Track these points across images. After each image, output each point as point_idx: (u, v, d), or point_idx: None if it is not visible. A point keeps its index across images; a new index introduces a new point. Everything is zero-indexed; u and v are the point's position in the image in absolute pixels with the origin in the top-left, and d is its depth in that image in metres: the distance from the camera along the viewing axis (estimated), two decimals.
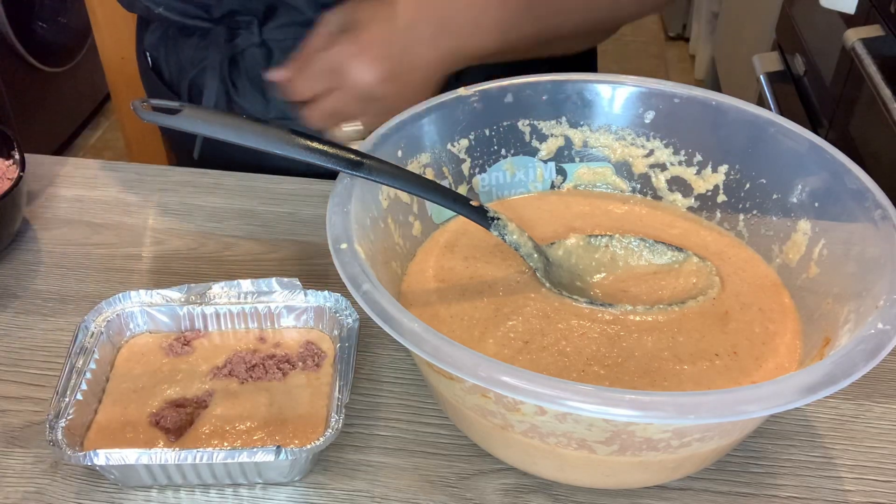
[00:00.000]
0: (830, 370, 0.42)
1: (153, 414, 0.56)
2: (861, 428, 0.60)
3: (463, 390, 0.49)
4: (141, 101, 0.55)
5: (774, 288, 0.60)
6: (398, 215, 0.60)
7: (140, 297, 0.62)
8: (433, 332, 0.44)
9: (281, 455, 0.51)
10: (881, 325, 0.45)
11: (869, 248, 0.52)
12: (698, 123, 0.64)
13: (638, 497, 0.55)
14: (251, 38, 0.82)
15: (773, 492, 0.55)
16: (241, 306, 0.62)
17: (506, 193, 0.68)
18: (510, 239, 0.59)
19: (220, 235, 0.77)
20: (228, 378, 0.59)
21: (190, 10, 0.82)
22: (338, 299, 0.62)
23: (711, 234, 0.65)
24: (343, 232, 0.51)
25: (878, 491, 0.56)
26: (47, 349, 0.65)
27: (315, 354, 0.60)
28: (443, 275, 0.60)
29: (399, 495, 0.55)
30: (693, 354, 0.54)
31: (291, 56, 0.78)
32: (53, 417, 0.53)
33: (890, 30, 1.30)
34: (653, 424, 0.45)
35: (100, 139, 2.67)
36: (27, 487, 0.55)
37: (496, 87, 0.65)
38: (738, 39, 2.35)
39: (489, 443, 0.53)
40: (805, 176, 0.59)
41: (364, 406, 0.61)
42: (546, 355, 0.53)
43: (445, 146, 0.64)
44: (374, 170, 0.54)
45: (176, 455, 0.51)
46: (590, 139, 0.67)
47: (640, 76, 0.66)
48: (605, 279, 0.61)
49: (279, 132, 0.54)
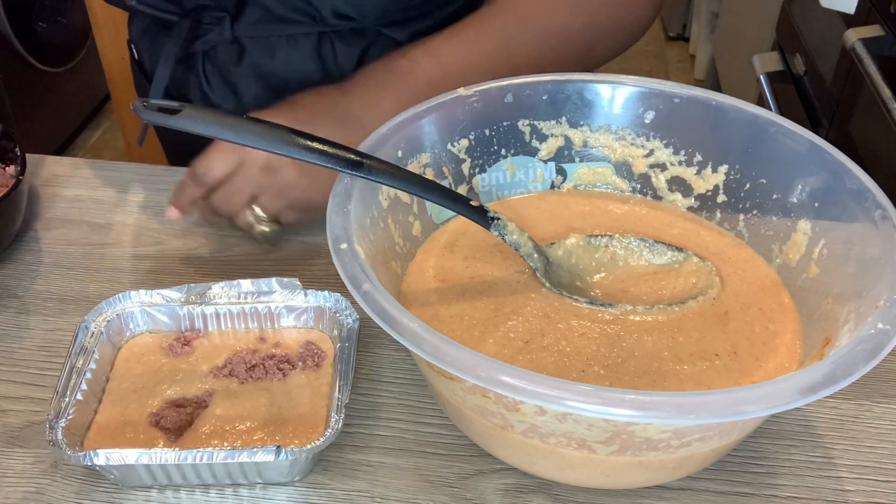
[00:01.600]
0: (830, 370, 0.42)
1: (153, 414, 0.56)
2: (861, 428, 0.60)
3: (463, 390, 0.49)
4: (141, 101, 0.55)
5: (774, 288, 0.60)
6: (398, 215, 0.60)
7: (140, 297, 0.62)
8: (433, 332, 0.44)
9: (281, 455, 0.51)
10: (881, 325, 0.45)
11: (869, 248, 0.52)
12: (698, 123, 0.64)
13: (638, 497, 0.55)
14: (223, 33, 0.82)
15: (773, 492, 0.55)
16: (241, 306, 0.62)
17: (506, 193, 0.68)
18: (510, 239, 0.59)
19: (220, 235, 0.77)
20: (228, 378, 0.59)
21: (160, 3, 0.82)
22: (338, 299, 0.62)
23: (711, 234, 0.65)
24: (343, 232, 0.51)
25: (878, 491, 0.56)
26: (47, 349, 0.65)
27: (315, 354, 0.60)
28: (443, 275, 0.60)
29: (399, 495, 0.55)
30: (693, 354, 0.54)
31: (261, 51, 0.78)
32: (53, 417, 0.53)
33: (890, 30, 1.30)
34: (653, 424, 0.45)
35: (100, 139, 2.67)
36: (27, 487, 0.55)
37: (496, 87, 0.65)
38: (738, 39, 2.35)
39: (489, 443, 0.53)
40: (805, 176, 0.59)
41: (364, 406, 0.61)
42: (546, 355, 0.53)
43: (445, 146, 0.64)
44: (374, 170, 0.54)
45: (176, 455, 0.51)
46: (590, 139, 0.67)
47: (640, 76, 0.66)
48: (605, 279, 0.61)
49: (279, 132, 0.54)
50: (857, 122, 1.38)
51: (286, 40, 0.82)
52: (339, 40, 0.82)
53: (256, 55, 0.83)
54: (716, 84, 2.58)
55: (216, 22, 0.82)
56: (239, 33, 0.82)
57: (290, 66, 0.83)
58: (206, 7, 0.82)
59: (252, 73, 0.84)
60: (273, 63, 0.83)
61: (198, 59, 0.86)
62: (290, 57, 0.83)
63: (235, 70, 0.84)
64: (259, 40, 0.83)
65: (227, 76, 0.85)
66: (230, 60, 0.84)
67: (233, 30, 0.82)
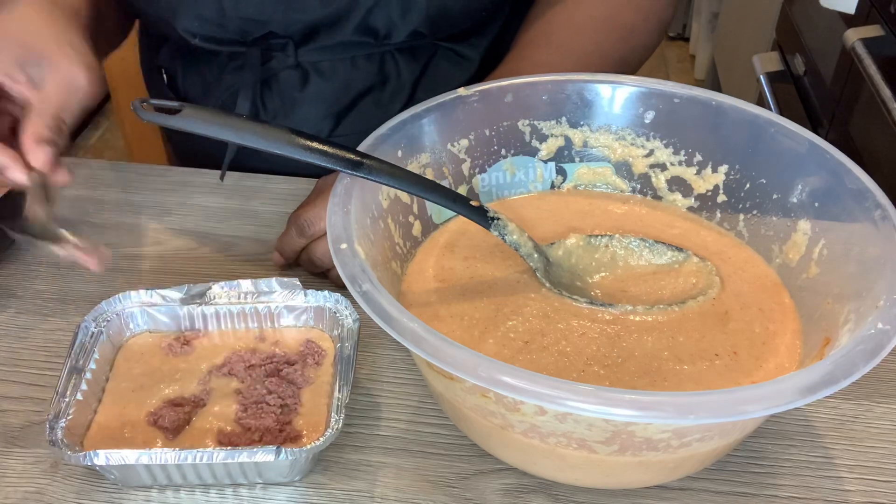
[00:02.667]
0: (830, 370, 0.42)
1: (151, 413, 0.56)
2: (861, 428, 0.60)
3: (463, 390, 0.49)
4: (141, 101, 0.55)
5: (774, 288, 0.60)
6: (398, 215, 0.60)
7: (140, 297, 0.62)
8: (433, 332, 0.44)
9: (281, 455, 0.50)
10: (881, 325, 0.45)
11: (869, 248, 0.52)
12: (698, 123, 0.64)
13: (638, 497, 0.55)
14: (286, 60, 0.82)
15: (773, 492, 0.55)
16: (241, 306, 0.62)
17: (506, 193, 0.68)
18: (510, 239, 0.59)
19: (220, 235, 0.77)
20: (227, 377, 0.59)
21: (226, 37, 0.81)
22: (338, 299, 0.62)
23: (711, 234, 0.65)
24: (343, 232, 0.51)
25: (878, 491, 0.56)
26: (47, 349, 0.65)
27: (315, 353, 0.60)
28: (443, 275, 0.60)
29: (399, 495, 0.55)
30: (693, 354, 0.54)
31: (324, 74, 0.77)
32: (53, 418, 0.53)
33: (890, 30, 1.30)
34: (653, 424, 0.45)
35: (100, 139, 2.67)
36: (27, 487, 0.55)
37: (496, 87, 0.65)
38: (738, 39, 2.35)
39: (489, 443, 0.53)
40: (805, 176, 0.59)
41: (364, 406, 0.61)
42: (546, 355, 0.53)
43: (445, 146, 0.64)
44: (374, 170, 0.54)
45: (176, 455, 0.51)
46: (590, 139, 0.67)
47: (640, 76, 0.66)
48: (605, 279, 0.61)
49: (279, 132, 0.54)
50: (857, 122, 1.38)
51: (349, 62, 0.82)
52: (402, 56, 0.82)
53: (319, 79, 0.83)
54: (716, 84, 2.58)
55: (279, 48, 0.82)
56: (302, 59, 0.82)
57: (353, 88, 0.83)
58: (272, 34, 0.80)
59: (316, 97, 0.84)
60: (336, 86, 0.83)
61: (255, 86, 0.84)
62: (353, 78, 0.83)
63: (299, 95, 0.84)
64: (322, 64, 0.82)
65: (287, 101, 0.84)
66: (294, 86, 0.83)
67: (296, 55, 0.81)
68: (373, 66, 0.83)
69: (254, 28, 0.79)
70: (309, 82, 0.83)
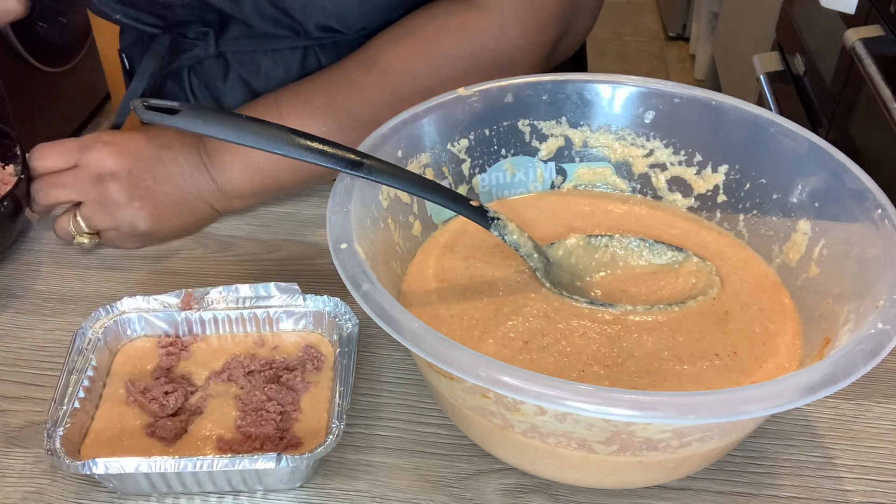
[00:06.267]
0: (830, 370, 0.42)
1: (147, 425, 0.56)
2: (861, 428, 0.60)
3: (463, 390, 0.49)
4: (141, 101, 0.55)
5: (774, 288, 0.60)
6: (398, 215, 0.60)
7: (137, 302, 0.61)
8: (433, 332, 0.44)
9: (282, 462, 0.50)
10: (881, 325, 0.45)
11: (869, 248, 0.52)
12: (698, 123, 0.64)
13: (638, 497, 0.55)
14: (208, 49, 0.82)
15: (773, 492, 0.55)
16: (240, 311, 0.62)
17: (506, 193, 0.68)
18: (510, 239, 0.59)
19: (220, 235, 0.77)
20: (227, 383, 0.59)
21: (144, 17, 0.82)
22: (337, 304, 0.61)
23: (711, 234, 0.65)
24: (343, 232, 0.51)
25: (878, 491, 0.56)
26: (47, 349, 0.65)
27: (315, 358, 0.60)
28: (443, 275, 0.60)
29: (399, 495, 0.55)
30: (693, 354, 0.54)
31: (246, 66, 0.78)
32: (51, 426, 0.53)
33: (890, 30, 1.30)
34: (653, 424, 0.45)
35: None
36: (27, 487, 0.55)
37: (496, 87, 0.65)
38: (738, 39, 2.35)
39: (489, 443, 0.53)
40: (805, 176, 0.59)
41: (364, 407, 0.61)
42: (546, 355, 0.53)
43: (445, 146, 0.64)
44: (374, 170, 0.54)
45: (175, 463, 0.50)
46: (590, 139, 0.67)
47: (640, 76, 0.66)
48: (605, 279, 0.61)
49: (279, 132, 0.54)
50: (857, 122, 1.38)
51: (270, 55, 0.82)
52: (324, 53, 0.82)
53: (241, 70, 0.83)
54: (716, 84, 2.58)
55: (201, 37, 0.82)
56: (223, 49, 0.82)
57: (275, 81, 0.83)
58: (190, 22, 0.81)
59: (238, 87, 0.84)
60: (258, 78, 0.83)
61: (184, 73, 0.86)
62: (274, 72, 0.82)
63: (222, 85, 0.84)
64: (244, 55, 0.82)
65: (213, 90, 0.85)
66: (216, 75, 0.84)
67: (217, 45, 0.82)
68: (294, 60, 0.82)
69: (165, 11, 0.80)
70: (230, 72, 0.83)
